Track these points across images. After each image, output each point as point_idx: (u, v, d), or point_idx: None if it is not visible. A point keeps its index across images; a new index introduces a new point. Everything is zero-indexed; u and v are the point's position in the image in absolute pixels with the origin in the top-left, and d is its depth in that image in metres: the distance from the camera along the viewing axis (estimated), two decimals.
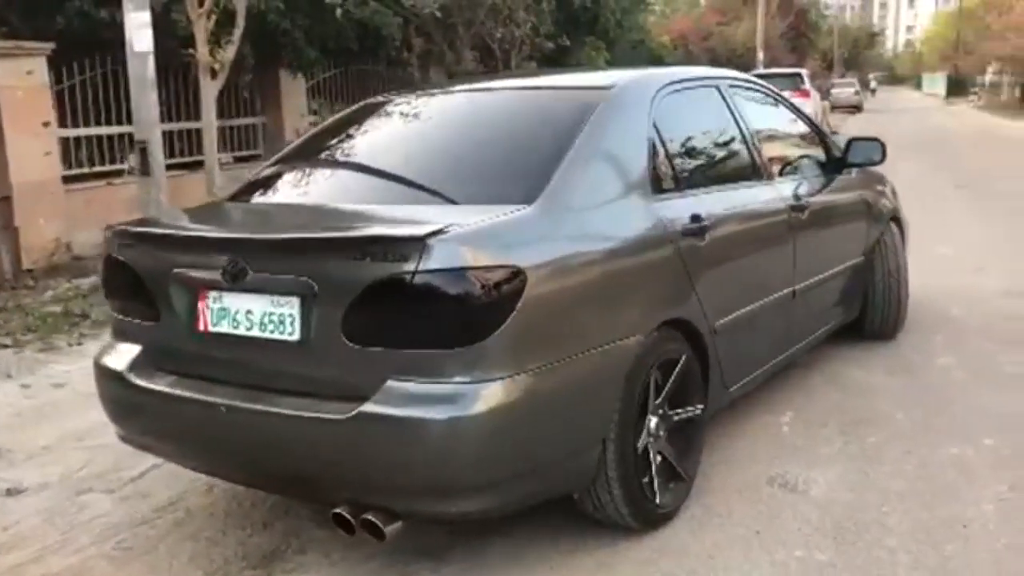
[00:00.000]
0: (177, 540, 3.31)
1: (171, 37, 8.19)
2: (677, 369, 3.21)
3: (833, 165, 4.72)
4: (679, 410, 3.26)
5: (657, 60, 24.89)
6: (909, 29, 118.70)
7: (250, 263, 2.77)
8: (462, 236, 2.57)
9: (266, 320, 2.79)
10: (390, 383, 2.58)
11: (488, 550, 3.11)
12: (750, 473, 3.61)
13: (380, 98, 3.98)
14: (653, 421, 3.13)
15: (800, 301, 4.19)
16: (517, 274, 2.58)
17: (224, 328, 2.89)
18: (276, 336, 2.77)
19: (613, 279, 2.97)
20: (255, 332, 2.82)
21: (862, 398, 4.41)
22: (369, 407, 2.56)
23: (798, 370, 4.67)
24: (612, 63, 19.04)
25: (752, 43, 30.22)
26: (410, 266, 2.51)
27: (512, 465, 2.65)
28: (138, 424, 3.19)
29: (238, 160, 11.23)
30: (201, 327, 2.94)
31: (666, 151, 3.40)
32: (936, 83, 61.49)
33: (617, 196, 3.08)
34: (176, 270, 2.97)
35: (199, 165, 9.10)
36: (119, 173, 9.32)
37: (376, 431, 2.56)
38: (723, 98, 3.97)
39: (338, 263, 2.63)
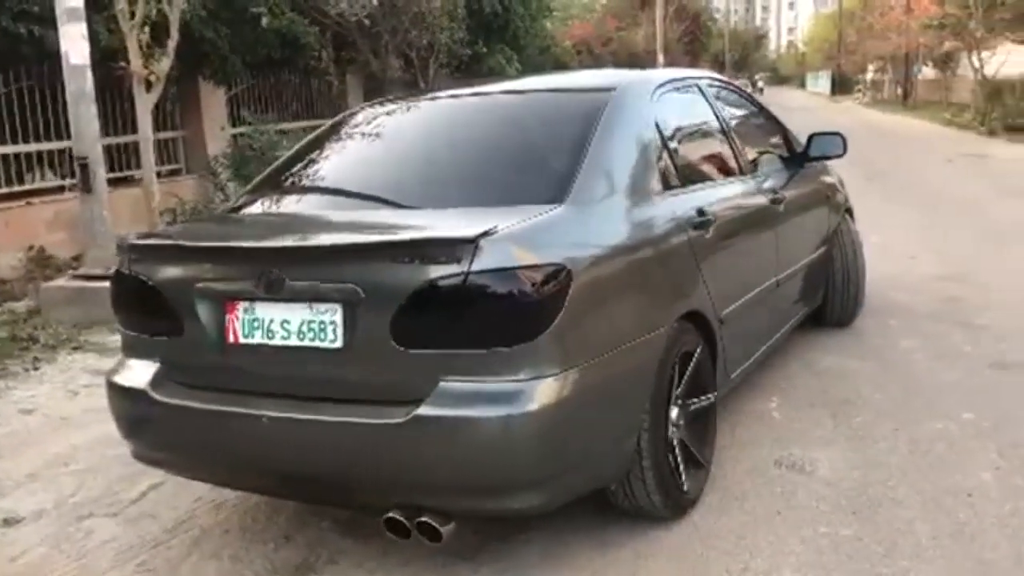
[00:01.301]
0: (199, 560, 3.24)
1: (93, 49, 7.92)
2: (694, 359, 3.31)
3: (796, 159, 4.90)
4: (695, 399, 3.35)
5: (562, 65, 25.18)
6: (790, 31, 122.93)
7: (287, 272, 2.74)
8: (511, 236, 2.61)
9: (305, 329, 2.77)
10: (444, 384, 2.60)
11: (522, 549, 3.14)
12: (755, 457, 3.74)
13: (378, 103, 3.97)
14: (675, 411, 3.22)
15: (781, 290, 4.35)
16: (564, 272, 2.63)
17: (257, 339, 2.85)
18: (317, 344, 2.75)
19: (642, 274, 3.05)
20: (293, 341, 2.79)
21: (840, 381, 4.59)
22: (426, 409, 2.57)
23: (773, 358, 4.83)
24: (522, 70, 19.20)
25: (651, 47, 30.90)
26: (462, 267, 2.54)
27: (564, 459, 2.70)
28: (162, 441, 3.11)
29: (158, 176, 10.93)
30: (231, 339, 2.90)
31: (668, 149, 3.50)
32: (820, 82, 63.83)
33: (636, 193, 3.16)
34: (201, 283, 2.92)
35: (127, 181, 8.85)
36: (42, 192, 8.98)
37: (434, 432, 2.57)
38: (704, 97, 4.10)
39: (386, 267, 2.63)
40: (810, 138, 4.91)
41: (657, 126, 3.47)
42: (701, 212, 3.45)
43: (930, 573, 2.82)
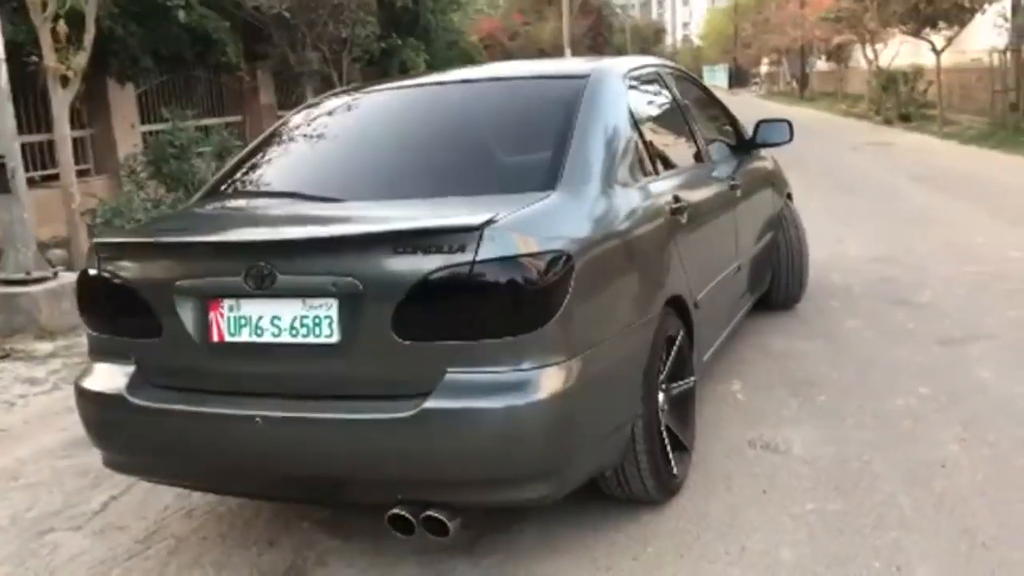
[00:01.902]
0: (180, 569, 3.12)
1: None
2: (676, 344, 3.33)
3: (743, 146, 4.98)
4: (676, 383, 3.37)
5: (470, 59, 25.11)
6: (685, 25, 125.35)
7: (279, 266, 2.65)
8: (514, 224, 2.57)
9: (297, 325, 2.68)
10: (450, 376, 2.55)
11: (518, 539, 3.11)
12: (729, 439, 3.78)
13: (338, 93, 3.87)
14: (660, 395, 3.23)
15: (741, 274, 4.42)
16: (566, 259, 2.61)
17: (244, 337, 2.75)
18: (311, 340, 2.67)
19: (633, 260, 3.05)
20: (284, 338, 2.70)
21: (795, 362, 4.69)
22: (433, 402, 2.52)
23: (727, 342, 4.90)
24: (431, 64, 19.09)
25: (557, 41, 31.08)
26: (467, 256, 2.49)
27: (572, 447, 2.68)
28: (141, 447, 2.97)
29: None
30: (215, 338, 2.79)
31: (641, 135, 3.51)
32: (717, 75, 65.22)
33: (620, 179, 3.15)
34: (181, 281, 2.79)
35: (35, 183, 8.46)
36: None
37: (443, 425, 2.52)
38: (666, 85, 4.13)
39: (386, 258, 2.56)
40: (757, 125, 4.99)
41: (631, 112, 3.48)
42: (677, 198, 3.47)
43: (920, 543, 2.90)
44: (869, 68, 24.66)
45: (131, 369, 2.94)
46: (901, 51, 22.85)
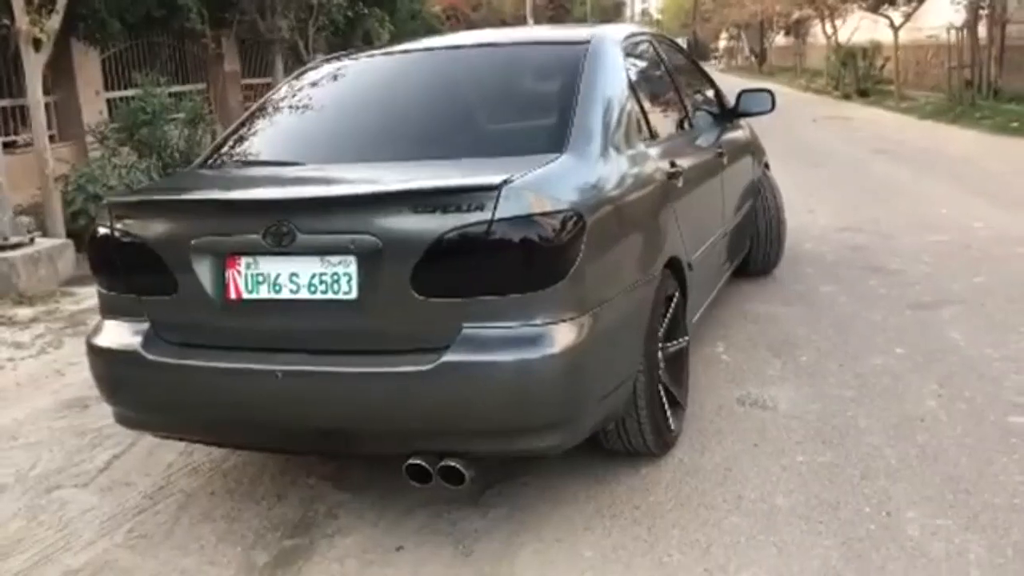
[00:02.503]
0: (192, 523, 3.19)
1: None
2: (673, 304, 3.44)
3: (726, 114, 5.09)
4: (672, 342, 3.49)
5: (433, 30, 24.96)
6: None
7: (299, 224, 2.71)
8: (530, 183, 2.66)
9: (316, 282, 2.75)
10: (466, 331, 2.63)
11: (522, 491, 3.22)
12: (718, 397, 3.92)
13: (337, 58, 3.91)
14: (659, 353, 3.35)
15: (726, 239, 4.55)
16: (578, 218, 2.70)
17: (262, 294, 2.81)
18: (330, 296, 2.74)
19: (637, 220, 3.15)
20: (303, 295, 2.77)
21: (775, 325, 4.85)
22: (453, 355, 2.60)
23: (710, 307, 5.04)
24: (395, 35, 18.95)
25: (519, 12, 30.99)
26: (485, 215, 2.57)
27: (583, 399, 2.78)
28: (155, 403, 3.02)
29: (28, 144, 10.34)
30: (232, 295, 2.85)
31: (639, 100, 3.60)
32: None
33: (622, 142, 3.24)
34: (198, 239, 2.84)
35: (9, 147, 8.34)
36: None
37: (462, 378, 2.61)
38: (657, 53, 4.23)
39: (406, 217, 2.63)
40: (740, 94, 5.10)
41: (628, 79, 3.56)
42: (673, 163, 3.58)
43: (907, 490, 3.06)
44: (828, 44, 24.95)
45: (145, 326, 2.99)
46: (860, 27, 23.15)
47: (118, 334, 3.04)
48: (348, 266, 2.71)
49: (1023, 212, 7.43)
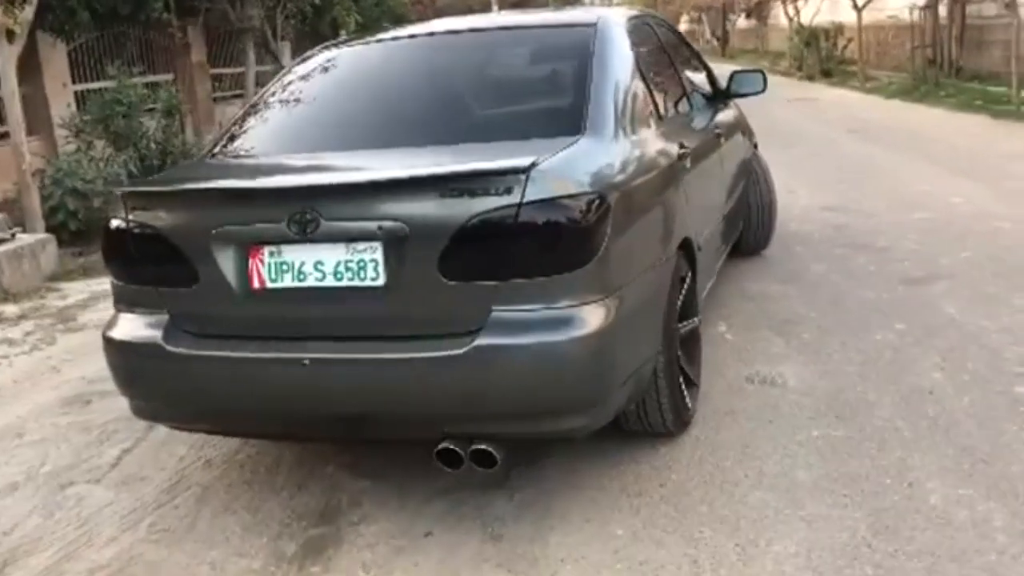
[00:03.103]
0: (213, 515, 3.17)
1: None
2: (686, 284, 3.47)
3: (719, 95, 5.12)
4: (685, 322, 3.52)
5: (400, 17, 24.77)
6: None
7: (324, 211, 2.69)
8: (557, 166, 2.66)
9: (342, 269, 2.74)
10: (496, 314, 2.63)
11: (543, 474, 3.23)
12: (728, 376, 3.96)
13: (337, 45, 3.87)
14: (676, 333, 3.37)
15: (725, 220, 4.59)
16: (603, 200, 2.71)
17: (286, 283, 2.80)
18: (356, 283, 2.73)
19: (654, 202, 3.17)
20: (328, 282, 2.75)
21: (773, 304, 4.90)
22: (485, 339, 2.61)
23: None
24: (362, 24, 18.80)
25: None
26: (514, 198, 2.57)
27: (611, 379, 2.79)
28: (176, 394, 2.99)
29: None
30: (255, 285, 2.82)
31: (645, 82, 3.61)
32: None
33: (635, 124, 3.26)
34: (219, 228, 2.81)
35: None
36: None
37: (495, 361, 2.61)
38: (656, 35, 4.24)
39: (433, 201, 2.62)
40: (732, 75, 5.13)
41: (635, 61, 3.57)
42: (682, 144, 3.60)
43: (925, 461, 3.11)
44: (790, 25, 25.12)
45: (164, 318, 2.96)
46: (822, 8, 23.35)
47: (136, 326, 3.01)
48: (374, 252, 2.70)
49: (998, 187, 7.55)
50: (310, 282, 2.77)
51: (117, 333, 3.04)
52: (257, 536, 3.02)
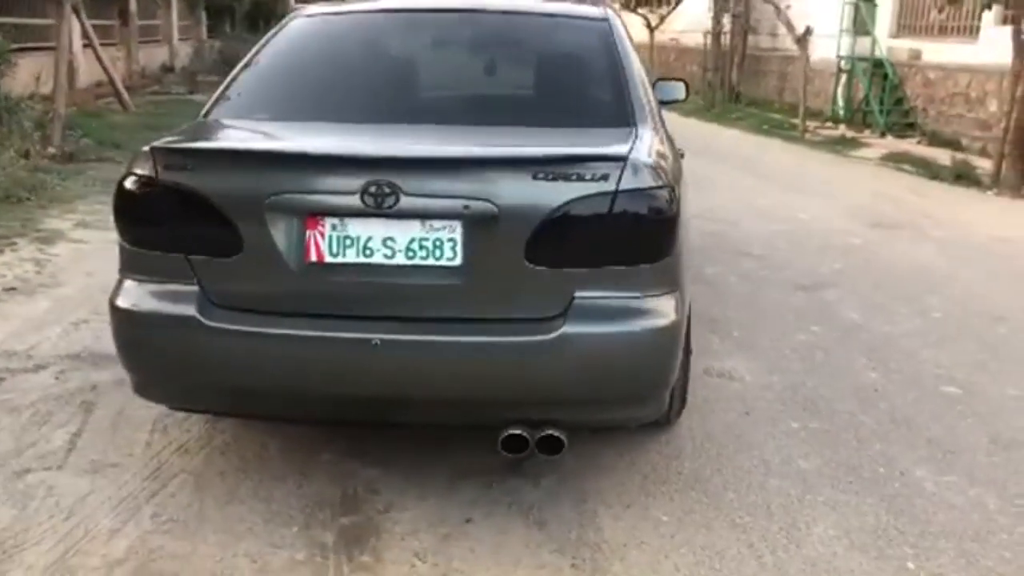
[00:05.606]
0: (219, 505, 2.94)
1: None
2: None
3: None
4: None
5: None
6: None
7: (403, 185, 2.56)
8: (643, 157, 2.69)
9: (416, 247, 2.62)
10: (579, 301, 2.62)
11: (563, 462, 3.21)
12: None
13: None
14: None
15: None
16: (673, 191, 2.77)
17: (349, 258, 2.64)
18: (430, 263, 2.62)
19: (685, 199, 3.25)
20: (398, 260, 2.63)
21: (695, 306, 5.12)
22: (572, 326, 2.59)
23: None
24: None
25: None
26: (610, 186, 2.57)
27: (675, 368, 2.86)
28: (211, 373, 2.72)
29: None
30: (312, 258, 2.64)
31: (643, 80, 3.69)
32: None
33: (661, 119, 3.33)
34: (276, 195, 2.61)
35: None
36: None
37: (581, 348, 2.60)
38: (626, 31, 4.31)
39: (525, 183, 2.56)
40: (655, 82, 5.29)
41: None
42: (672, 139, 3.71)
43: (903, 452, 3.39)
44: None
45: (193, 288, 2.70)
46: None
47: (159, 297, 2.72)
48: (453, 231, 2.61)
49: (833, 205, 8.29)
50: (377, 259, 2.63)
51: (134, 303, 2.73)
52: (283, 526, 2.83)
